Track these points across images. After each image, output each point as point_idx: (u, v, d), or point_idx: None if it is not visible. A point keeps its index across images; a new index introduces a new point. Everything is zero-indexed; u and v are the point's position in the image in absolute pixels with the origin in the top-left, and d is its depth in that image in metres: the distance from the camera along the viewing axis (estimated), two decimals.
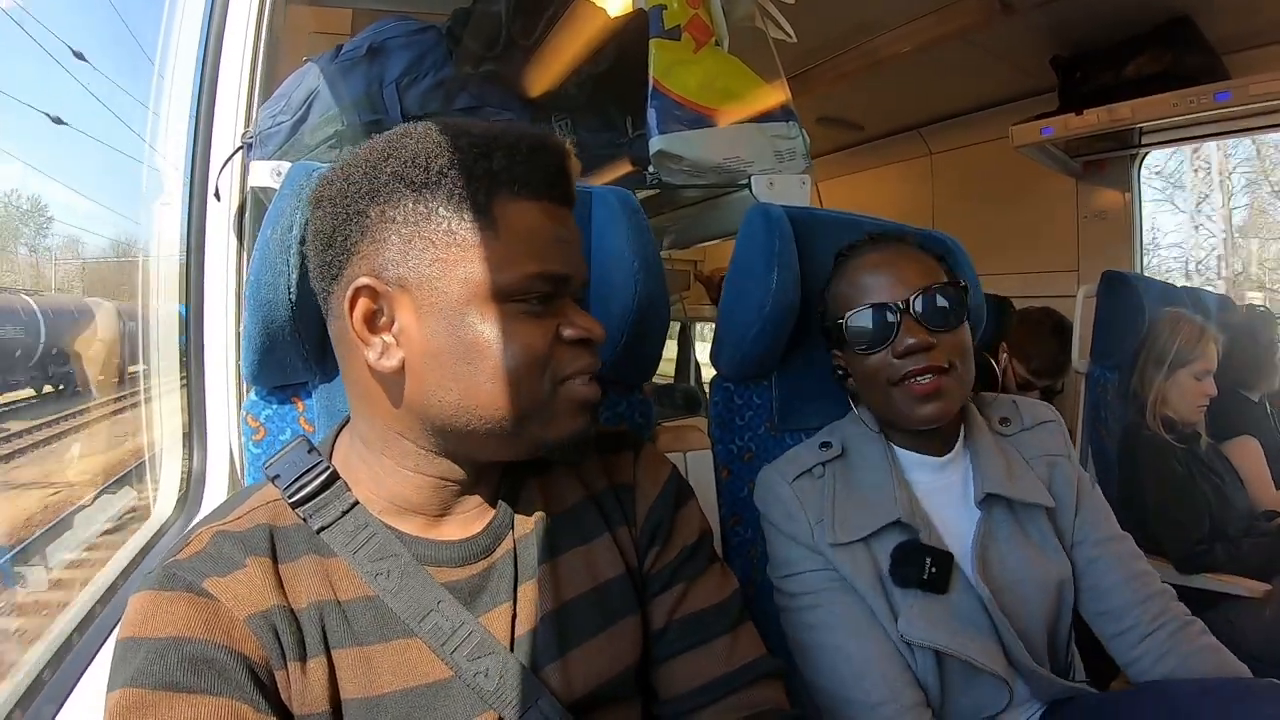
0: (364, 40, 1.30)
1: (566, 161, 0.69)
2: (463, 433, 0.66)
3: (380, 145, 0.65)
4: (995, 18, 2.44)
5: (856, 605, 0.96)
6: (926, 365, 0.96)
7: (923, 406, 0.97)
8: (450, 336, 0.63)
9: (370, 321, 0.65)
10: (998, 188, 3.36)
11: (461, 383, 0.64)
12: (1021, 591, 0.97)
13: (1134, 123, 2.54)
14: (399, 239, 0.63)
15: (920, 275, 0.99)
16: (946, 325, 0.97)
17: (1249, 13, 2.37)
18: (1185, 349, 2.00)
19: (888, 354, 0.99)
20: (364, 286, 0.63)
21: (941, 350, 0.97)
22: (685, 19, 1.32)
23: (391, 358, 0.64)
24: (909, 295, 0.97)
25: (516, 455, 0.70)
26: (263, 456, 0.94)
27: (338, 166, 0.67)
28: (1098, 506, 1.06)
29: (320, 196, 0.67)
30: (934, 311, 0.97)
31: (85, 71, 1.33)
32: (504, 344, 0.63)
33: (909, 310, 0.97)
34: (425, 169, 0.63)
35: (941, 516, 1.00)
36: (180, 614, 0.58)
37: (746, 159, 1.32)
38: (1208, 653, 0.96)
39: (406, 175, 0.63)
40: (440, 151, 0.63)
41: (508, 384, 0.64)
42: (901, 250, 1.03)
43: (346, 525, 0.67)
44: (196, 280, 1.31)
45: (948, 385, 0.97)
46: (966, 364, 0.99)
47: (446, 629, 0.66)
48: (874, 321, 0.99)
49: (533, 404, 0.66)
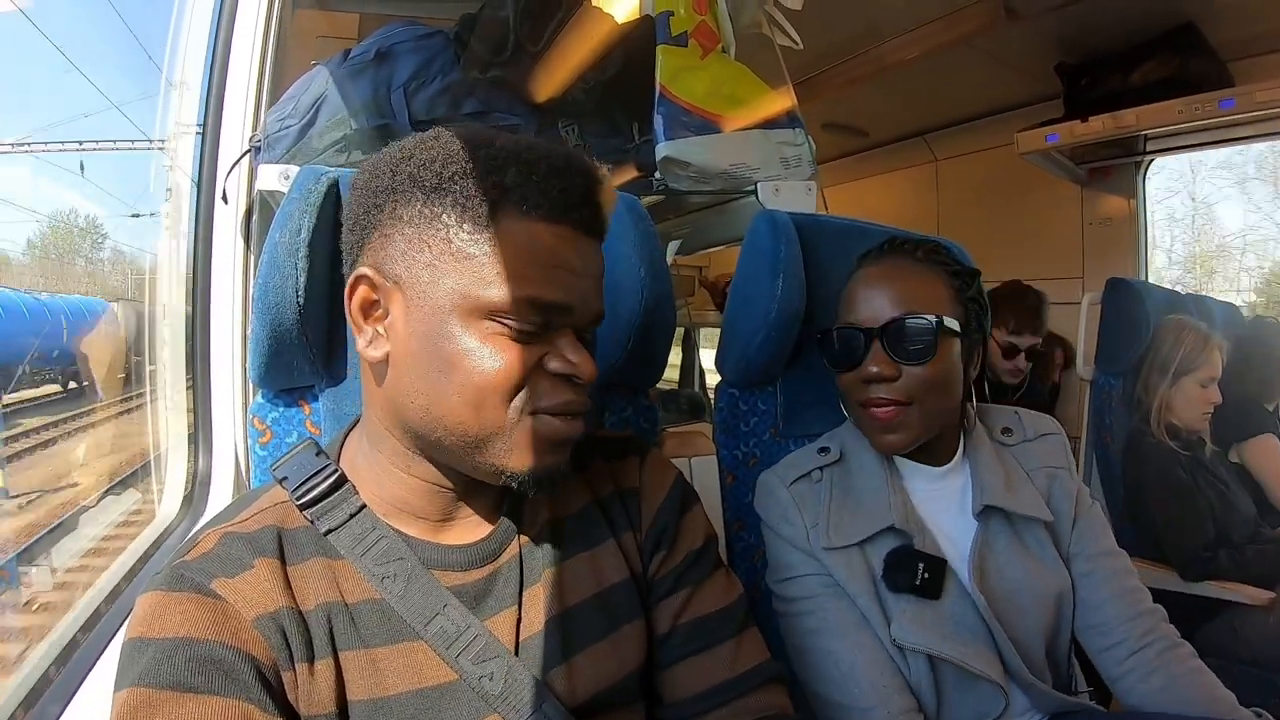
0: (372, 45, 1.31)
1: (594, 187, 0.66)
2: (431, 441, 0.66)
3: (409, 145, 0.66)
4: (1001, 24, 2.45)
5: (850, 610, 0.96)
6: (885, 397, 0.96)
7: (881, 435, 0.98)
8: (428, 342, 0.63)
9: (366, 310, 0.66)
10: (1003, 194, 3.36)
11: (432, 390, 0.64)
12: (1019, 601, 0.97)
13: (1139, 130, 2.53)
14: (403, 238, 0.63)
15: (905, 301, 0.97)
16: (914, 359, 0.96)
17: (1254, 20, 2.37)
18: (1190, 356, 2.00)
19: (857, 374, 0.99)
20: (364, 275, 0.65)
21: (905, 383, 0.96)
22: (692, 25, 1.32)
23: (378, 348, 0.65)
24: (882, 322, 0.97)
25: (482, 478, 0.69)
26: (269, 459, 0.94)
27: (373, 158, 0.68)
28: (1095, 521, 1.05)
29: (354, 183, 0.68)
30: (901, 344, 0.96)
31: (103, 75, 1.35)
32: (476, 361, 0.62)
33: (880, 336, 0.97)
34: (438, 174, 0.63)
35: (939, 524, 1.00)
36: (188, 614, 0.58)
37: (753, 165, 1.32)
38: (1195, 675, 0.96)
39: (420, 177, 0.63)
40: (456, 159, 0.63)
41: (471, 402, 0.63)
42: (901, 268, 1.00)
43: (354, 528, 0.68)
44: (203, 283, 1.32)
45: (907, 419, 0.97)
46: (934, 398, 0.97)
47: (452, 632, 0.66)
48: (845, 342, 1.00)
49: (494, 428, 0.64)
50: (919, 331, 0.96)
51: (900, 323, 0.96)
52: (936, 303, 0.98)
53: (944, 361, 0.97)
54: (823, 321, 1.15)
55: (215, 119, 1.38)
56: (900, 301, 0.97)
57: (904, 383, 0.96)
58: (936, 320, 0.96)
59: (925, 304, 0.97)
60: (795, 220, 1.15)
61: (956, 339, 0.98)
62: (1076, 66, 2.72)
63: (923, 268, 1.00)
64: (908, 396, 0.96)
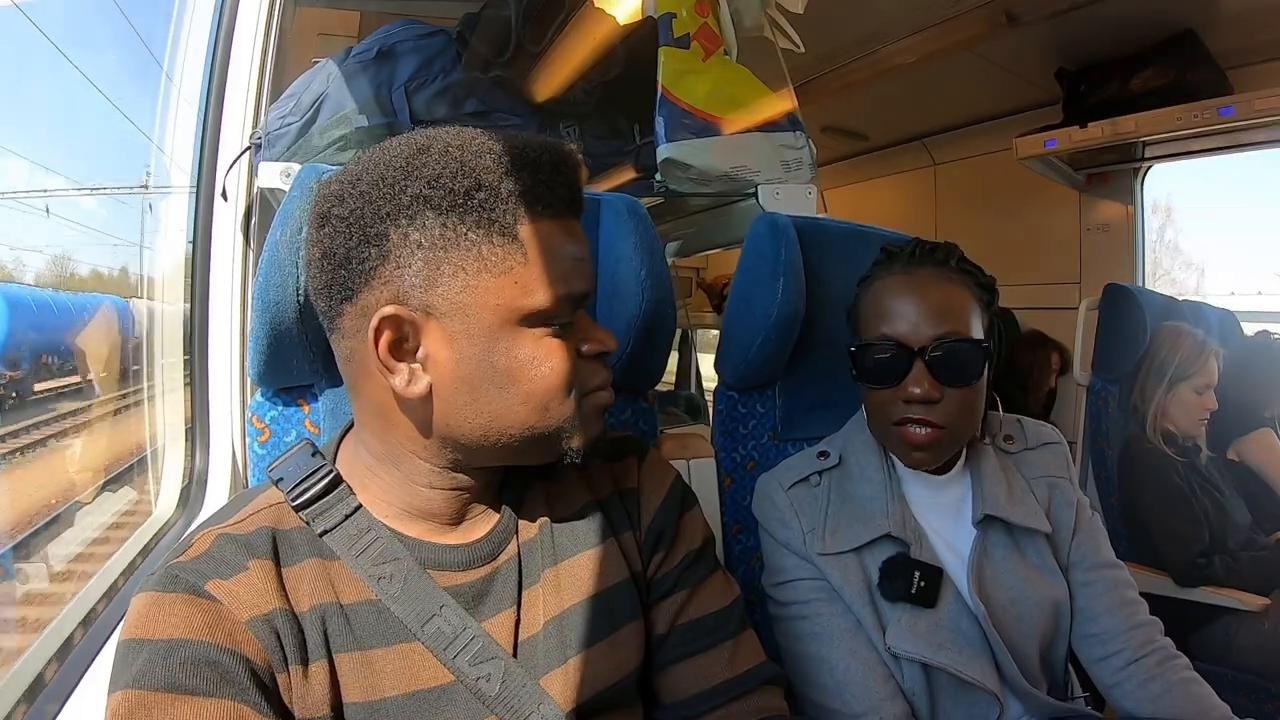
0: (374, 43, 1.31)
1: (579, 173, 0.68)
2: (487, 449, 0.67)
3: (398, 162, 0.62)
4: (1001, 30, 2.45)
5: (844, 616, 0.95)
6: (925, 418, 0.93)
7: (913, 453, 0.96)
8: (482, 363, 0.63)
9: (395, 349, 0.63)
10: (1001, 200, 3.37)
11: (493, 406, 0.65)
12: (1017, 610, 0.96)
13: (1137, 136, 2.55)
14: (423, 263, 0.61)
15: (946, 317, 0.93)
16: (959, 382, 0.93)
17: (1253, 28, 2.38)
18: (1186, 363, 2.01)
19: (895, 393, 0.95)
20: (389, 316, 0.61)
21: (946, 406, 0.93)
22: (694, 28, 1.32)
23: (418, 384, 0.63)
24: (928, 341, 0.93)
25: (539, 461, 0.71)
26: (267, 458, 0.94)
27: (346, 180, 0.64)
28: (1095, 531, 1.05)
29: (327, 213, 0.63)
30: (949, 366, 0.93)
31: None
32: (535, 369, 0.64)
33: (924, 356, 0.93)
34: (450, 190, 0.61)
35: (938, 531, 1.00)
36: (182, 616, 0.58)
37: (753, 168, 1.32)
38: (1190, 685, 0.95)
39: (430, 197, 0.61)
40: (464, 171, 0.61)
41: (541, 405, 0.65)
42: (937, 278, 0.96)
43: (349, 529, 0.67)
44: (202, 280, 1.32)
45: (942, 440, 0.95)
46: (967, 420, 0.96)
47: (449, 634, 0.66)
48: (887, 361, 0.96)
49: (560, 421, 0.67)
50: (965, 354, 0.93)
51: (948, 344, 0.92)
52: (973, 319, 0.95)
53: (981, 384, 0.96)
54: (823, 325, 1.15)
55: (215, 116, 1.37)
56: (941, 317, 0.93)
57: (944, 407, 0.93)
58: (985, 346, 0.94)
59: (965, 322, 0.94)
60: (796, 223, 1.15)
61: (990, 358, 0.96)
62: (1076, 73, 2.73)
63: (957, 278, 0.97)
64: (947, 420, 0.93)
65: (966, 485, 1.03)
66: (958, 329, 0.93)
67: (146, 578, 0.62)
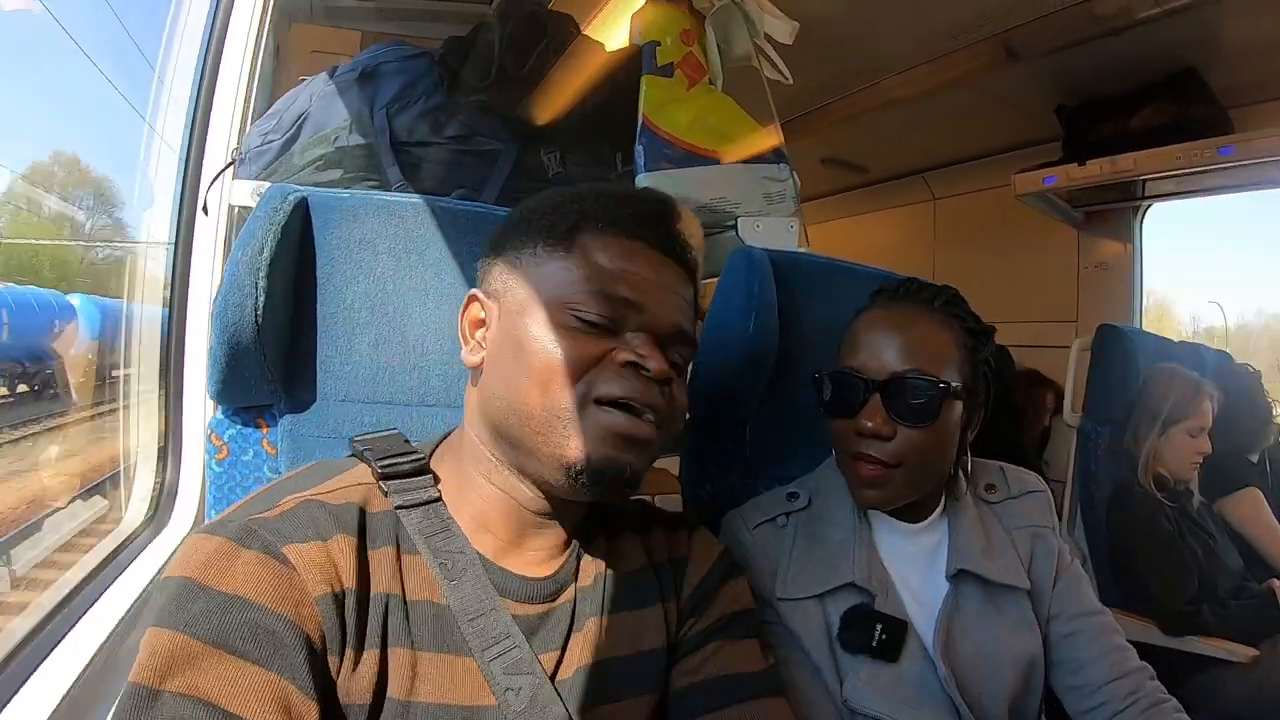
0: (359, 63, 1.31)
1: (667, 212, 0.74)
2: (505, 433, 0.69)
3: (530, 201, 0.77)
4: (1001, 65, 2.45)
5: (804, 664, 0.92)
6: (874, 455, 0.91)
7: (863, 489, 0.94)
8: (509, 338, 0.69)
9: (474, 325, 0.74)
10: (1000, 235, 3.36)
11: (508, 377, 0.68)
12: (986, 669, 0.93)
13: (1137, 175, 2.54)
14: (503, 262, 0.73)
15: (913, 355, 0.91)
16: (913, 421, 0.90)
17: (1255, 66, 2.37)
18: (1180, 405, 1.98)
19: (850, 424, 0.93)
20: (473, 295, 0.75)
21: (897, 445, 0.90)
22: (679, 56, 1.32)
23: (475, 354, 0.73)
24: (887, 375, 0.91)
25: (548, 476, 0.68)
26: (224, 475, 0.92)
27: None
28: (1075, 579, 1.02)
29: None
30: (902, 403, 0.90)
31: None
32: (543, 344, 0.67)
33: (881, 391, 0.91)
34: (533, 210, 0.74)
35: (907, 582, 0.96)
36: (251, 573, 0.57)
37: (734, 200, 1.31)
38: None
39: (521, 220, 0.74)
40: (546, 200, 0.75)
41: (539, 381, 0.66)
42: (915, 317, 0.94)
43: (428, 513, 0.68)
44: (180, 294, 1.31)
45: (892, 480, 0.92)
46: (923, 464, 0.93)
47: (492, 635, 0.66)
48: (843, 388, 0.94)
49: (557, 410, 0.66)
50: (922, 392, 0.90)
51: (904, 380, 0.90)
52: (946, 361, 0.92)
53: (942, 427, 0.92)
54: (802, 361, 1.12)
55: (201, 130, 1.38)
56: (908, 355, 0.91)
57: (896, 445, 0.90)
58: (944, 385, 0.91)
59: (933, 362, 0.91)
60: (774, 258, 1.12)
61: (960, 402, 0.93)
62: (1076, 109, 2.73)
63: (939, 319, 0.94)
64: (897, 460, 0.91)
65: (942, 535, 0.99)
66: (922, 367, 0.90)
67: (216, 522, 0.61)
